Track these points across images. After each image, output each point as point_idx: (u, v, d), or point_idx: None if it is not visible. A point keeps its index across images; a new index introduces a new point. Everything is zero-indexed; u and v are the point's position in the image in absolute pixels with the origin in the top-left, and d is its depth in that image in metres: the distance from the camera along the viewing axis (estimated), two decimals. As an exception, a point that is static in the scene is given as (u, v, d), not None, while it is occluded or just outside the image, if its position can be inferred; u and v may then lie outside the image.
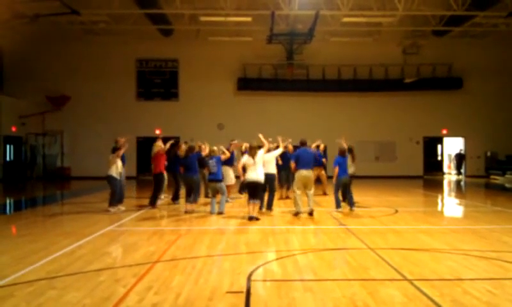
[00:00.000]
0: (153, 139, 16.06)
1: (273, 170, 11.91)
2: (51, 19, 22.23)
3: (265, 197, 11.94)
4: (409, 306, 4.86)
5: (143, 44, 26.79)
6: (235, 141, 14.27)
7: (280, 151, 11.93)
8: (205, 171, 14.04)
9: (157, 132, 26.21)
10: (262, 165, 11.03)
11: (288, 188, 14.80)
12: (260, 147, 11.27)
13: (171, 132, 26.19)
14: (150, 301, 5.00)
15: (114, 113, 26.75)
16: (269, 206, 12.00)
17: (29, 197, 18.00)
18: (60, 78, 26.41)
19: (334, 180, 12.06)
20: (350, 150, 12.70)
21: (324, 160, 15.65)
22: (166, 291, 5.35)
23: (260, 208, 11.83)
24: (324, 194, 16.11)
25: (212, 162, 11.76)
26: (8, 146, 25.23)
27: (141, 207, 13.06)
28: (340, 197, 12.28)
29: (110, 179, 11.92)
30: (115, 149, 12.17)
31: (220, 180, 11.88)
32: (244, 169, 11.29)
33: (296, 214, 11.33)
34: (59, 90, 26.26)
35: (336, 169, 11.86)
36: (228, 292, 5.32)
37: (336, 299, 5.08)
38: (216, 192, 11.89)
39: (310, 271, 6.31)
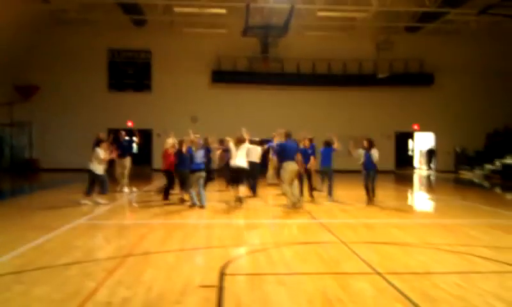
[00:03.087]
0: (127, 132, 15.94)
1: (256, 159, 13.02)
2: (20, 8, 21.64)
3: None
4: (379, 299, 4.91)
5: (114, 34, 26.30)
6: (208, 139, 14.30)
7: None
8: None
9: (129, 124, 25.88)
10: (244, 154, 11.69)
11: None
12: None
13: (144, 125, 25.92)
14: (121, 296, 4.92)
15: (85, 104, 26.23)
16: (253, 191, 13.53)
17: (-4, 190, 17.52)
18: (29, 68, 25.66)
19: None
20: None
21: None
22: (137, 285, 5.27)
23: (253, 193, 13.38)
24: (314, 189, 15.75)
25: (200, 153, 11.76)
26: (-26, 137, 24.52)
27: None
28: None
29: (91, 172, 11.89)
30: (98, 143, 12.23)
31: (204, 170, 11.86)
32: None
33: (293, 206, 11.26)
34: (28, 80, 25.59)
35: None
36: (200, 286, 5.28)
37: (308, 293, 5.10)
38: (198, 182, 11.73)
39: (282, 265, 6.32)
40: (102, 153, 12.01)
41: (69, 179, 19.37)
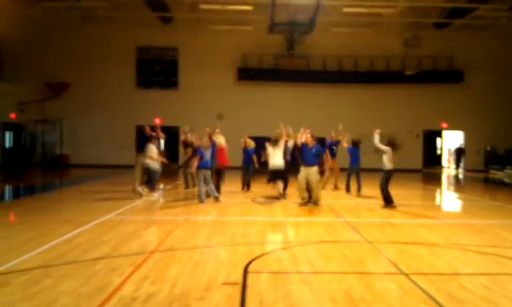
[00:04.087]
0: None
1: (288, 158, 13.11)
2: (50, 5, 22.12)
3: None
4: (405, 300, 4.85)
5: (142, 32, 26.66)
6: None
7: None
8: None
9: (157, 121, 26.14)
10: (281, 156, 12.28)
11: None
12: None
13: (171, 121, 26.17)
14: (146, 291, 4.99)
15: (114, 101, 26.68)
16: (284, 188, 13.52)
17: (28, 185, 17.97)
18: (59, 65, 26.29)
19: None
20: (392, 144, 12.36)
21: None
22: (162, 281, 5.34)
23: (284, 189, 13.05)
24: (335, 187, 15.41)
25: (209, 151, 11.96)
26: (7, 133, 25.20)
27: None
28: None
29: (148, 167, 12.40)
30: (149, 139, 12.60)
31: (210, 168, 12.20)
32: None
33: (301, 204, 11.54)
34: (59, 77, 26.18)
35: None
36: (224, 283, 5.31)
37: (332, 292, 5.07)
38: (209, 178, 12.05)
39: (306, 263, 6.30)
40: (155, 150, 12.25)
41: (97, 175, 19.74)
